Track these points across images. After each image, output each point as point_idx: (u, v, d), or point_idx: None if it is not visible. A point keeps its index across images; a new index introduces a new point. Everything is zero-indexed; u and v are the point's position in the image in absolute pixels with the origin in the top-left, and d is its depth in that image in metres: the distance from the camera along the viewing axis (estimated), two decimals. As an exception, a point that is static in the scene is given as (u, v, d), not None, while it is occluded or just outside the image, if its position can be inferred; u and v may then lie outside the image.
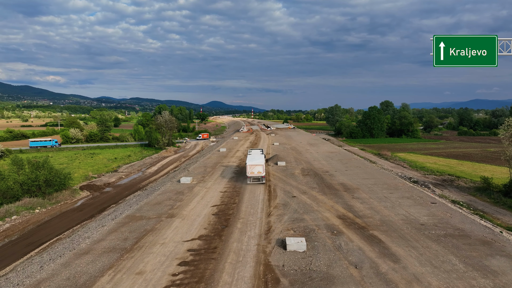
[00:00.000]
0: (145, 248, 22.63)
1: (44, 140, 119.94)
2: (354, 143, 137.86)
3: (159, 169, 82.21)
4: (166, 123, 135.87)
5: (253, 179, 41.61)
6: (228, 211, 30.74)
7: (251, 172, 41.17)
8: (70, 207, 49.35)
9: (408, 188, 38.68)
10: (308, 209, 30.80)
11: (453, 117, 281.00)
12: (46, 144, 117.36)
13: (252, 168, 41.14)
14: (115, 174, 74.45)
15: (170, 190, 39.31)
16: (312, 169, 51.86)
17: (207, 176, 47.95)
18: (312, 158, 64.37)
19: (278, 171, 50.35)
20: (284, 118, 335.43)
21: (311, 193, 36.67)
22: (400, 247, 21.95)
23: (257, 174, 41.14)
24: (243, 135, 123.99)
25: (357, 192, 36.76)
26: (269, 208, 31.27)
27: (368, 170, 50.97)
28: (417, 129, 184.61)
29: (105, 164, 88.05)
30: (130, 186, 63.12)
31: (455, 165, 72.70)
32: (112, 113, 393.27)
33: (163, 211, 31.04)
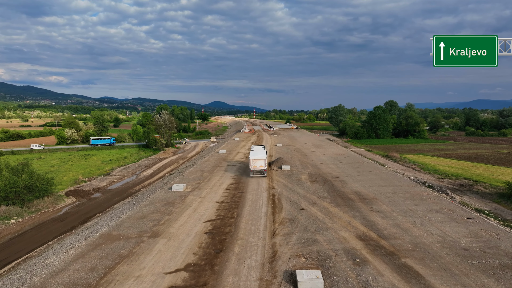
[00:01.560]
0: (114, 284, 17.48)
1: (103, 139, 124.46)
2: (360, 144, 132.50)
3: (155, 172, 77.18)
4: (165, 123, 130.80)
5: (256, 172, 44.97)
6: (224, 228, 25.57)
7: (253, 166, 44.53)
8: (52, 216, 44.32)
9: (434, 198, 33.39)
10: (320, 226, 25.60)
11: (459, 117, 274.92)
12: (105, 142, 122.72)
13: (255, 162, 44.50)
14: (107, 178, 69.45)
15: (158, 200, 34.16)
16: (321, 174, 46.63)
17: (203, 182, 42.79)
18: (319, 161, 59.13)
19: (283, 177, 45.17)
20: (287, 118, 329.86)
21: (322, 204, 31.47)
22: (448, 286, 16.70)
23: (259, 167, 44.63)
24: (245, 136, 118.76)
25: (375, 203, 31.52)
26: (274, 225, 26.09)
27: (383, 176, 45.69)
28: (423, 130, 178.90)
29: (98, 167, 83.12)
30: (121, 191, 58.06)
31: (469, 167, 67.65)
32: (113, 113, 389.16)
33: (146, 228, 25.90)
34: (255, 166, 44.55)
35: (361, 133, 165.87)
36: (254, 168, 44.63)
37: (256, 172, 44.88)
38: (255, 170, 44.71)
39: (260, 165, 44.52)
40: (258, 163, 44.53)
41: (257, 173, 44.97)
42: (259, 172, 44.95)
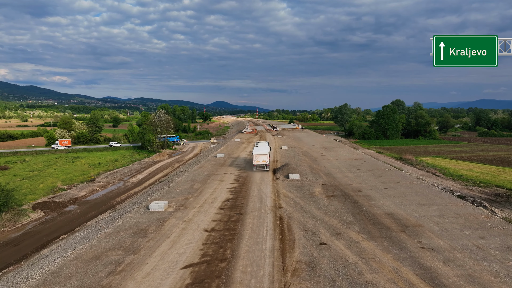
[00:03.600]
0: None
1: (171, 136, 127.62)
2: (369, 145, 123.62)
3: (145, 178, 68.68)
4: (161, 123, 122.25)
5: (259, 167, 46.39)
6: (209, 281, 16.94)
7: (256, 161, 46.09)
8: (6, 237, 35.90)
9: (501, 225, 24.56)
10: (355, 278, 16.94)
11: (469, 117, 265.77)
12: (172, 140, 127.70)
13: (258, 157, 45.92)
14: (89, 185, 60.99)
15: (128, 227, 25.54)
16: (338, 186, 37.90)
17: (191, 197, 34.14)
18: (333, 167, 50.34)
19: (292, 189, 36.50)
20: (290, 118, 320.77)
21: (349, 236, 22.78)
22: None
23: (262, 162, 46.03)
24: (246, 137, 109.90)
25: (423, 235, 22.79)
26: (284, 276, 17.44)
27: (416, 188, 36.88)
28: (434, 130, 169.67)
29: (84, 171, 74.75)
30: (100, 202, 49.61)
31: (496, 172, 59.52)
32: (113, 112, 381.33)
33: (93, 279, 17.32)
34: (257, 161, 46.00)
35: (369, 134, 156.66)
36: (257, 163, 46.10)
37: (259, 166, 46.45)
38: (258, 164, 46.17)
39: (263, 160, 45.90)
40: (260, 158, 45.92)
41: (260, 167, 46.50)
42: (261, 166, 46.43)
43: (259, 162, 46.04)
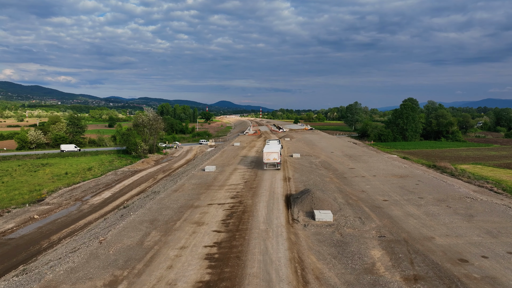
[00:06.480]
0: None
1: None
2: (388, 148, 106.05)
3: (112, 196, 52.02)
4: (150, 123, 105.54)
5: (269, 165, 44.97)
6: None
7: (267, 159, 44.68)
8: None
9: None
10: None
11: (489, 117, 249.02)
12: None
13: (268, 155, 44.73)
14: (29, 210, 44.37)
15: None
16: (410, 243, 20.86)
17: (124, 279, 17.23)
18: (377, 193, 32.92)
19: (326, 254, 19.48)
20: (295, 118, 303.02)
21: None
22: None
23: (273, 160, 44.61)
24: (248, 139, 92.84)
25: None
26: None
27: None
28: (458, 131, 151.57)
29: (38, 186, 58.27)
30: (22, 245, 32.96)
31: None
32: (112, 112, 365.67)
33: None
34: (268, 159, 44.62)
35: (386, 135, 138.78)
36: (267, 161, 44.66)
37: (270, 165, 44.97)
38: (268, 163, 44.72)
39: (274, 158, 44.57)
40: (271, 156, 44.62)
41: (271, 165, 45.01)
42: (272, 165, 44.99)
43: (269, 160, 44.52)
